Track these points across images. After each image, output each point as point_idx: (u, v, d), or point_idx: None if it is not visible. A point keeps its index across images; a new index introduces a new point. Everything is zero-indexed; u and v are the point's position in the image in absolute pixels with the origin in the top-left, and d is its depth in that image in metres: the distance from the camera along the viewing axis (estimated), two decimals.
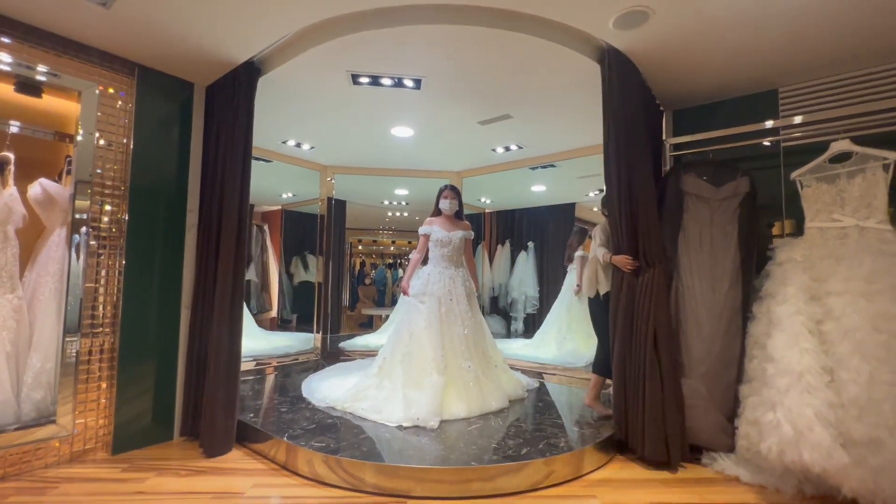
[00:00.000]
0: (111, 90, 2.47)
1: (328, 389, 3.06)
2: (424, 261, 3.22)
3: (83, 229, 2.36)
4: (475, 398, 2.73)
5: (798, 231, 2.37)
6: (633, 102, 2.40)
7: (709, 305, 2.37)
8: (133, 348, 2.47)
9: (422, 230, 3.19)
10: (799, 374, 1.91)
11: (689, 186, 2.60)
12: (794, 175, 2.40)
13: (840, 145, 2.26)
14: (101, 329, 2.41)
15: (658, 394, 2.22)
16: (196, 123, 2.77)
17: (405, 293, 3.06)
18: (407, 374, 2.75)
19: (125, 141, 2.51)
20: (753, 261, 2.40)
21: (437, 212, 3.23)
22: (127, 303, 2.45)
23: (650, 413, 2.21)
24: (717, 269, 2.41)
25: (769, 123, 2.60)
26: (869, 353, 1.83)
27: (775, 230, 2.62)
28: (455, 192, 3.20)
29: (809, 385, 1.88)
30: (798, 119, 2.56)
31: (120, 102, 2.50)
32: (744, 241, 2.40)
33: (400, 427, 2.45)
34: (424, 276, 3.10)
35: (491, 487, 1.98)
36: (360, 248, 6.25)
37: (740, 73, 2.63)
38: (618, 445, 2.43)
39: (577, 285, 4.27)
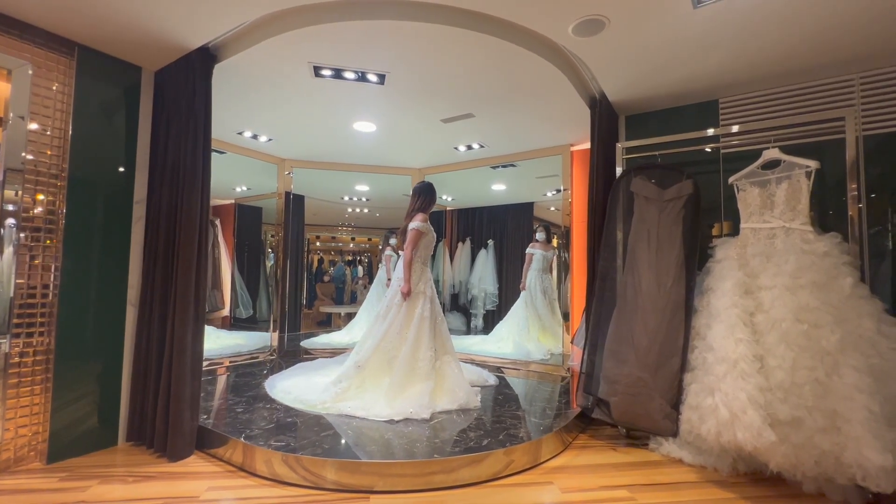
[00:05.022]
0: (46, 70, 2.28)
1: (297, 389, 3.00)
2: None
3: (9, 221, 2.16)
4: (456, 388, 2.83)
5: (735, 231, 2.58)
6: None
7: (654, 299, 2.53)
8: (71, 349, 2.30)
9: (420, 226, 2.99)
10: (734, 361, 2.09)
11: (638, 188, 2.77)
12: (731, 180, 2.61)
13: (770, 153, 2.47)
14: (34, 329, 2.22)
15: None
16: (144, 110, 2.61)
17: (408, 296, 2.93)
18: (399, 379, 2.73)
19: (62, 126, 2.32)
20: (696, 258, 2.58)
21: (424, 209, 3.08)
22: (64, 300, 2.27)
23: None
24: (662, 266, 2.58)
25: (710, 131, 2.81)
26: (792, 342, 2.03)
27: (715, 231, 2.84)
28: None
29: (743, 371, 2.06)
30: (735, 128, 2.77)
31: (57, 84, 2.31)
32: (687, 240, 2.58)
33: (391, 421, 2.48)
34: (417, 274, 3.02)
35: (453, 479, 2.02)
36: (318, 244, 6.11)
37: (687, 85, 2.82)
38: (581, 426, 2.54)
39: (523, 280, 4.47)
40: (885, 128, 2.50)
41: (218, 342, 4.23)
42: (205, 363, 3.67)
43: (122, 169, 2.51)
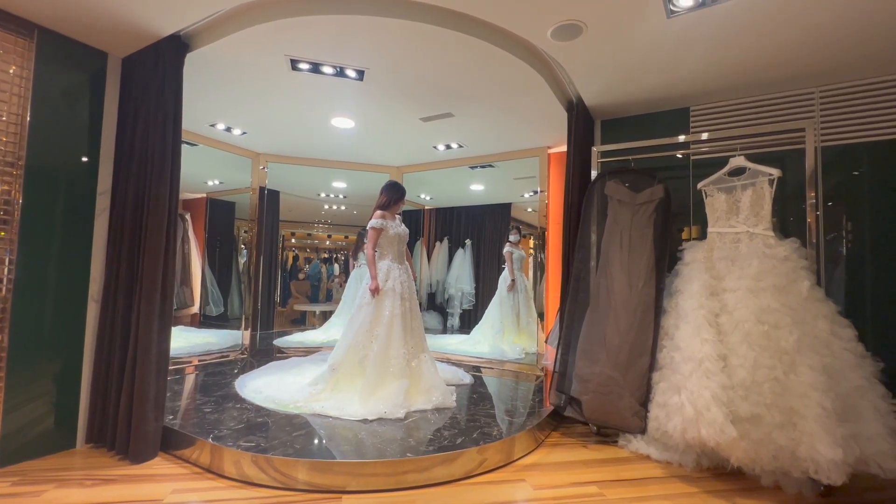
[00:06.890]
0: (2, 52, 2.16)
1: (269, 388, 2.95)
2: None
3: None
4: (432, 387, 2.82)
5: (704, 235, 2.67)
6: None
7: (626, 300, 2.60)
8: (27, 346, 2.18)
9: (374, 224, 3.03)
10: (699, 360, 2.16)
11: (612, 192, 2.83)
12: (699, 185, 2.70)
13: (736, 161, 2.57)
14: None
15: None
16: (109, 98, 2.50)
17: (376, 293, 2.92)
18: (372, 379, 2.70)
19: (20, 112, 2.20)
20: (666, 260, 2.66)
21: (384, 206, 3.11)
22: (18, 295, 2.15)
23: None
24: (634, 268, 2.65)
25: (681, 138, 2.90)
26: (754, 342, 2.12)
27: (684, 234, 2.94)
28: None
29: (708, 370, 2.13)
30: (705, 135, 2.88)
31: (14, 68, 2.19)
32: (658, 243, 2.66)
33: (365, 420, 2.46)
34: (384, 271, 3.01)
35: (426, 478, 2.02)
36: (293, 241, 6.00)
37: (660, 92, 2.90)
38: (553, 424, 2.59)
39: (512, 280, 4.48)
40: (842, 139, 2.64)
41: (187, 340, 4.10)
42: (172, 362, 3.57)
43: (84, 158, 2.40)
